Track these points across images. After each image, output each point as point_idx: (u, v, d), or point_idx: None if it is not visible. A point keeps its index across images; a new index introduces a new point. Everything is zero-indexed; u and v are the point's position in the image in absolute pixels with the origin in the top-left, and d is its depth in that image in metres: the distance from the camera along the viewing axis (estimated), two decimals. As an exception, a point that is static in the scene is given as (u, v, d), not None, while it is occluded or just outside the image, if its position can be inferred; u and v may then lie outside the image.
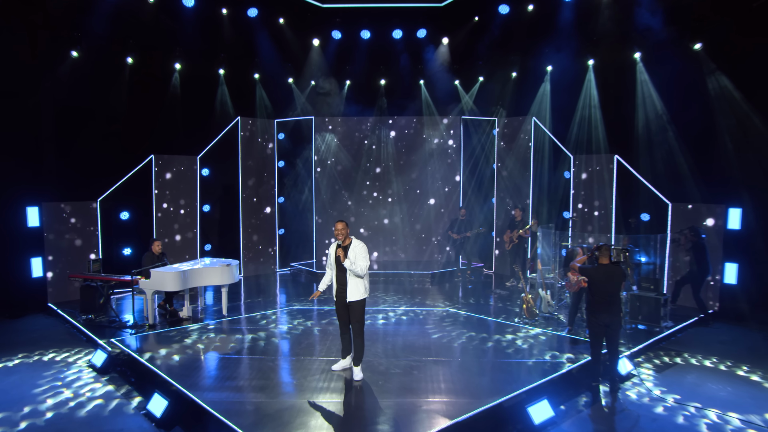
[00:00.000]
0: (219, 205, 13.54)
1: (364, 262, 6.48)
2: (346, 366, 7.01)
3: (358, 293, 6.55)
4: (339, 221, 6.54)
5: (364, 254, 6.52)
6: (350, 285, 6.54)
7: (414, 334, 8.70)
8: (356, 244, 6.58)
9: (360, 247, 6.54)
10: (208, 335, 8.72)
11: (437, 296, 11.66)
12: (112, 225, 11.59)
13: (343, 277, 6.58)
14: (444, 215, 14.68)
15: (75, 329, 9.17)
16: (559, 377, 6.91)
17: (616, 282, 6.69)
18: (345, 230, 6.50)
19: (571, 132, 12.26)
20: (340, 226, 6.50)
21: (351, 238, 6.59)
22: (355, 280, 6.53)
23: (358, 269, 6.44)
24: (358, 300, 6.56)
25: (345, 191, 14.79)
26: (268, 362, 7.43)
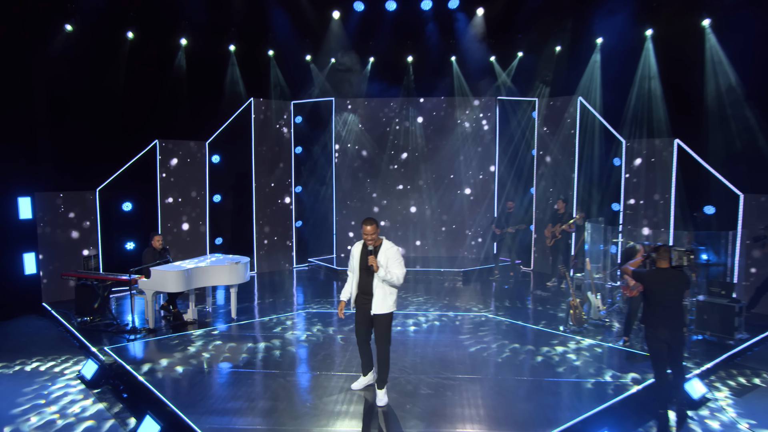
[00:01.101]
0: (231, 195, 12.97)
1: (400, 269, 5.66)
2: (368, 383, 6.28)
3: (385, 305, 5.72)
4: (368, 221, 5.64)
5: (399, 259, 5.70)
6: (377, 294, 5.70)
7: (446, 345, 7.92)
8: (387, 246, 5.74)
9: (393, 251, 5.72)
10: (214, 342, 8.09)
11: (470, 298, 10.90)
12: (113, 217, 11.08)
13: (369, 283, 5.74)
14: (479, 207, 13.93)
15: (68, 333, 8.65)
16: (619, 403, 6.06)
17: (677, 290, 5.80)
18: (375, 233, 5.66)
19: (625, 113, 11.24)
20: (370, 228, 5.61)
21: (381, 238, 5.80)
22: (383, 288, 5.72)
23: (394, 278, 5.62)
24: (386, 313, 5.76)
25: (368, 180, 14.20)
26: (279, 378, 6.74)
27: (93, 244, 10.72)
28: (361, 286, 5.82)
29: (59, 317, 9.23)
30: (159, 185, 11.60)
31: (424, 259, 13.75)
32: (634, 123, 11.14)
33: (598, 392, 6.33)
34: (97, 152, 10.46)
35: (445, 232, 14.13)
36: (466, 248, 14.07)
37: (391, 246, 5.74)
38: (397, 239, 14.09)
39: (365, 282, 5.77)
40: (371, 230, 5.59)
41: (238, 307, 9.80)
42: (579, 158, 12.40)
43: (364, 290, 5.81)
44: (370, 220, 5.63)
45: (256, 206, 13.10)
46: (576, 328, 8.66)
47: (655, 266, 5.88)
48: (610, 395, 6.23)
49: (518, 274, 12.82)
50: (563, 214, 11.51)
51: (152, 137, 11.44)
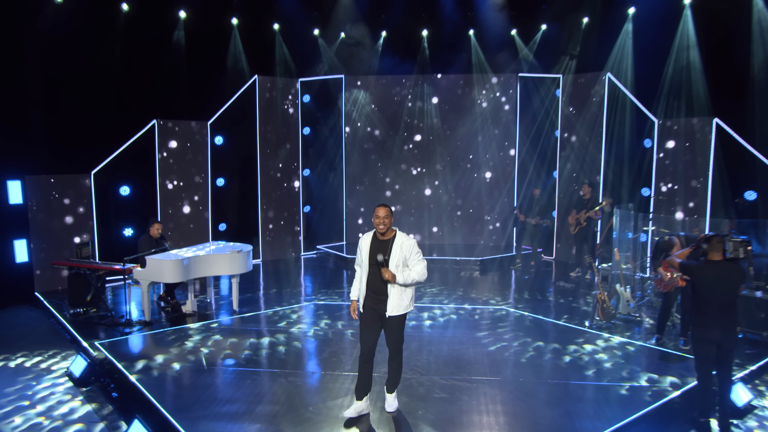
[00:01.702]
0: (235, 178, 12.64)
1: (420, 264, 5.03)
2: (364, 411, 5.40)
3: (402, 304, 5.08)
4: (381, 205, 5.10)
5: (417, 252, 5.06)
6: (393, 293, 5.06)
7: (462, 342, 7.50)
8: (402, 239, 5.08)
9: (409, 244, 5.05)
10: (213, 337, 7.74)
11: (489, 289, 10.48)
12: (110, 202, 10.75)
13: (381, 280, 5.06)
14: (498, 192, 13.53)
15: (60, 326, 8.36)
16: (655, 410, 5.60)
17: (732, 285, 5.30)
18: (389, 218, 5.08)
19: (659, 90, 10.60)
20: (383, 212, 5.05)
21: (395, 229, 5.18)
22: (398, 287, 5.07)
23: (416, 278, 4.99)
24: (401, 315, 5.15)
25: (380, 163, 13.81)
26: (281, 378, 6.36)
27: (88, 230, 10.40)
28: (372, 283, 5.11)
29: (51, 308, 8.96)
30: (158, 168, 11.24)
31: (439, 246, 13.37)
32: (668, 100, 10.50)
33: (632, 398, 5.86)
34: (92, 133, 10.09)
35: (461, 219, 13.74)
36: (484, 236, 13.66)
37: (406, 239, 5.09)
38: (411, 226, 13.77)
39: (376, 279, 5.08)
40: (384, 214, 5.03)
41: (241, 298, 9.49)
42: (607, 139, 11.81)
43: (374, 288, 5.11)
44: (384, 205, 5.12)
45: (261, 190, 12.73)
46: (603, 323, 8.19)
47: (706, 258, 5.38)
48: (645, 402, 5.76)
49: (539, 264, 12.35)
50: (589, 200, 10.98)
51: (150, 117, 11.05)
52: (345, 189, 13.83)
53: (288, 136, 13.12)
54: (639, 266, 9.87)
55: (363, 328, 5.24)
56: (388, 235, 5.11)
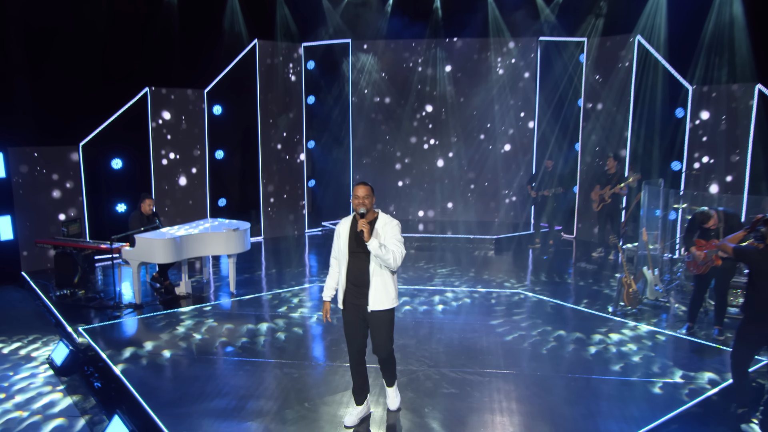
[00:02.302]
0: (235, 150, 12.29)
1: (399, 247, 4.53)
2: (364, 415, 5.01)
3: (387, 298, 4.60)
4: (360, 183, 4.64)
5: (399, 238, 4.59)
6: (376, 283, 4.57)
7: (475, 330, 7.11)
8: (385, 220, 4.63)
9: (392, 226, 4.61)
10: (207, 322, 7.43)
11: (504, 270, 10.08)
12: (100, 176, 10.42)
13: (363, 270, 4.59)
14: (516, 165, 13.09)
15: (45, 308, 8.09)
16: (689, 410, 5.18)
17: None
18: (369, 198, 4.57)
19: (696, 53, 9.95)
20: (362, 191, 4.54)
21: (377, 211, 4.71)
22: (381, 276, 4.58)
23: (389, 257, 4.46)
24: (386, 310, 4.64)
25: (389, 135, 13.39)
26: (277, 369, 6.03)
27: (77, 206, 10.10)
28: (352, 274, 4.63)
29: (37, 289, 8.70)
30: (152, 140, 10.87)
31: (452, 224, 13.01)
32: (706, 64, 9.85)
33: (663, 397, 5.45)
34: (80, 102, 9.70)
35: (476, 195, 13.33)
36: (501, 213, 13.27)
37: (389, 220, 4.64)
38: (422, 202, 13.49)
39: (357, 269, 4.61)
40: (364, 193, 4.53)
41: (240, 279, 9.22)
42: (635, 109, 11.20)
43: (355, 280, 4.63)
44: (363, 183, 4.65)
45: (262, 164, 12.34)
46: (628, 309, 7.75)
47: (766, 243, 4.91)
48: (679, 401, 5.34)
49: (558, 243, 11.89)
50: (614, 175, 10.46)
51: (142, 84, 10.64)
52: (352, 162, 13.41)
53: (291, 106, 12.67)
54: (668, 247, 9.37)
55: (347, 327, 4.79)
56: (369, 217, 4.61)
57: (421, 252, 11.29)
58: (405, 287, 8.85)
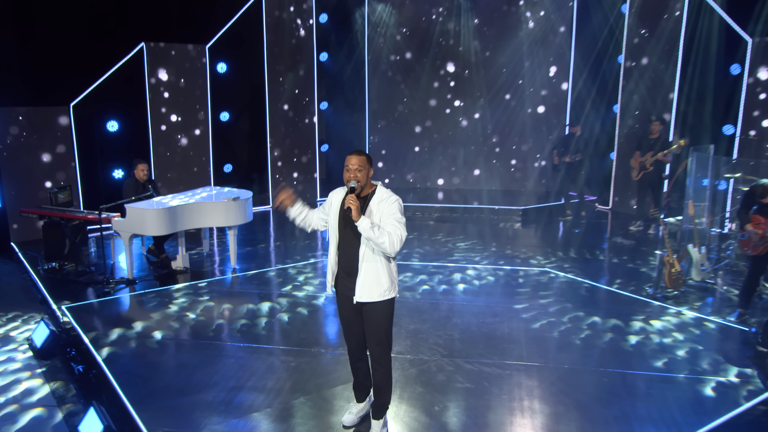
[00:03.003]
0: (242, 112, 11.89)
1: (398, 229, 3.94)
2: (365, 413, 4.57)
3: (377, 288, 4.04)
4: (353, 153, 4.03)
5: (399, 217, 3.97)
6: (366, 270, 4.02)
7: (496, 314, 6.65)
8: (383, 195, 4.04)
9: (389, 203, 3.99)
10: (203, 301, 7.10)
11: (530, 244, 9.62)
12: (94, 140, 10.10)
13: (352, 254, 4.07)
14: (548, 129, 12.62)
15: (32, 282, 7.84)
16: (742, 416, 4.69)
17: None
18: (363, 171, 3.98)
19: (761, 2, 9.11)
20: (354, 162, 3.96)
21: (376, 185, 4.15)
22: (373, 262, 4.03)
23: (385, 240, 3.88)
24: (380, 302, 4.09)
25: (407, 96, 13.00)
26: (273, 357, 5.65)
27: (70, 173, 9.80)
28: (343, 258, 4.12)
29: (25, 262, 8.47)
30: (149, 100, 10.48)
31: (476, 192, 12.62)
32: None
33: (713, 397, 4.95)
34: (69, 58, 9.33)
35: (502, 161, 12.92)
36: (530, 181, 12.85)
37: (388, 196, 4.03)
38: (443, 169, 13.17)
39: (348, 251, 4.08)
40: (357, 165, 3.96)
41: (243, 253, 8.92)
42: (683, 66, 10.42)
43: (346, 267, 4.11)
44: (358, 152, 4.08)
45: (270, 127, 11.92)
46: (670, 291, 7.20)
47: None
48: (730, 402, 4.84)
49: (591, 214, 11.34)
50: (657, 140, 9.78)
51: (137, 39, 10.21)
52: (368, 125, 12.96)
53: (302, 63, 12.16)
54: (717, 221, 8.74)
55: (342, 322, 4.34)
56: (364, 191, 4.06)
57: (440, 224, 10.89)
58: (420, 264, 8.43)
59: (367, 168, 4.02)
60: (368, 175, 4.03)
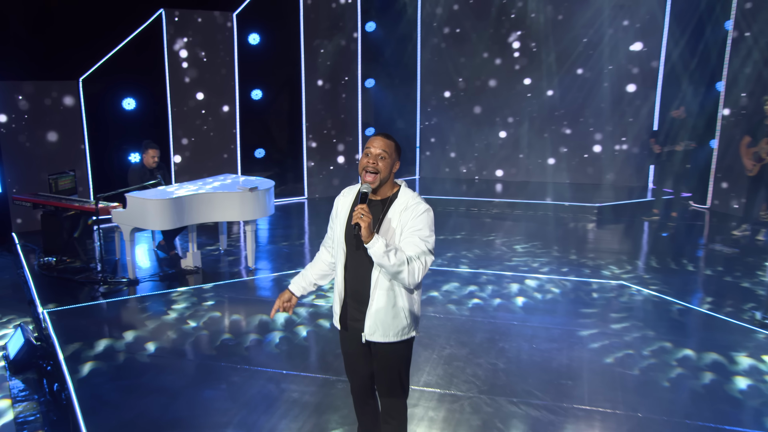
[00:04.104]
0: (274, 90, 11.61)
1: (423, 253, 3.21)
2: None
3: (395, 325, 3.33)
4: (379, 134, 3.34)
5: (424, 232, 3.24)
6: (377, 301, 3.31)
7: (554, 338, 5.84)
8: (407, 201, 3.30)
9: (415, 213, 3.25)
10: (210, 307, 6.63)
11: (604, 249, 8.78)
12: (107, 119, 9.92)
13: (362, 276, 3.35)
14: (633, 111, 11.77)
15: (24, 279, 7.61)
16: None
17: None
18: (388, 160, 3.26)
19: None
20: (379, 144, 3.26)
21: (399, 184, 3.39)
22: (390, 290, 3.31)
23: (404, 273, 3.17)
24: (395, 343, 3.38)
25: (464, 71, 12.49)
26: (272, 384, 5.04)
27: (78, 155, 9.65)
28: (351, 279, 3.40)
29: (22, 255, 8.30)
30: (168, 75, 10.24)
31: (542, 186, 11.91)
32: None
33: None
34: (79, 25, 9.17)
35: (575, 149, 12.25)
36: (608, 173, 12.10)
37: (416, 203, 3.27)
38: (502, 159, 12.62)
39: (357, 273, 3.36)
40: (380, 150, 3.24)
41: (266, 251, 8.62)
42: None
43: (354, 292, 3.41)
44: (384, 135, 3.35)
45: (307, 107, 11.57)
46: (784, 318, 6.19)
47: None
48: None
49: (684, 215, 10.46)
50: (773, 126, 8.67)
51: (156, 5, 10.04)
52: (419, 106, 12.56)
53: (344, 32, 11.71)
54: None
55: (346, 359, 3.63)
56: (382, 191, 3.32)
57: (497, 222, 10.26)
58: (466, 270, 7.70)
59: (393, 158, 3.29)
60: (392, 169, 3.30)
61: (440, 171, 12.97)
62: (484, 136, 12.63)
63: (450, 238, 9.17)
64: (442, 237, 9.25)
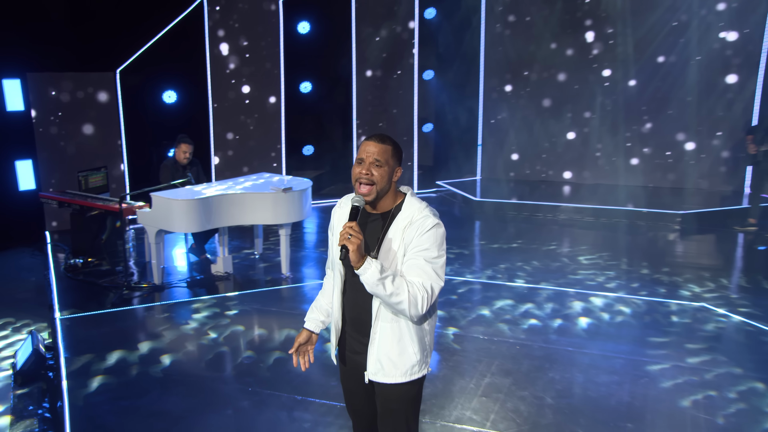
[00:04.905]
0: (325, 82, 11.54)
1: (427, 279, 2.80)
2: None
3: (402, 363, 2.94)
4: (372, 137, 2.91)
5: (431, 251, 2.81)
6: (380, 335, 2.93)
7: (615, 370, 5.29)
8: (413, 215, 2.88)
9: (422, 230, 2.82)
10: (230, 319, 6.41)
11: (687, 264, 8.14)
12: (147, 111, 10.03)
13: (362, 303, 2.98)
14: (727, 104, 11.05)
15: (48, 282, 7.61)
16: None
17: None
18: (385, 168, 2.85)
19: None
20: (373, 149, 2.85)
21: (405, 192, 2.97)
22: (396, 322, 2.92)
23: (403, 301, 2.75)
24: (396, 384, 2.97)
25: (531, 63, 12.06)
26: (280, 413, 4.73)
27: (114, 150, 9.70)
28: (350, 305, 3.04)
29: (50, 256, 8.38)
30: (209, 65, 10.25)
31: (615, 189, 11.33)
32: None
33: None
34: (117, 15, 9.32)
35: (656, 148, 11.67)
36: (696, 176, 11.40)
37: (423, 217, 2.85)
38: (574, 159, 12.05)
39: (357, 300, 2.99)
40: (376, 154, 2.83)
41: (301, 256, 8.46)
42: None
43: (352, 319, 3.05)
44: (381, 137, 2.92)
45: (358, 100, 11.45)
46: None
47: None
48: None
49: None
50: None
51: (198, -9, 10.12)
52: (482, 99, 12.13)
53: (398, 18, 11.49)
54: None
55: (347, 396, 3.26)
56: (382, 204, 2.92)
57: (562, 229, 9.81)
58: (521, 285, 7.21)
59: (392, 164, 2.87)
60: (391, 177, 2.89)
61: (502, 172, 12.57)
62: (551, 134, 12.14)
63: (505, 247, 8.74)
64: (496, 245, 8.80)
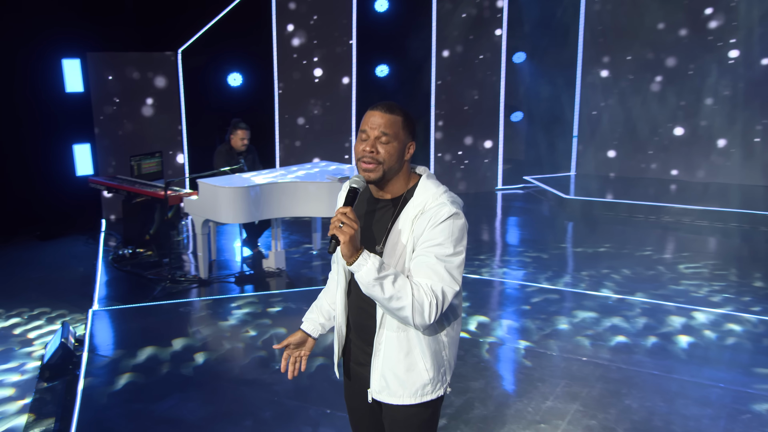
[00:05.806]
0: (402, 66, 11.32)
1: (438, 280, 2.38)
2: None
3: (412, 381, 2.56)
4: (380, 105, 2.51)
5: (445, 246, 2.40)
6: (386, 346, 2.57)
7: (704, 399, 4.71)
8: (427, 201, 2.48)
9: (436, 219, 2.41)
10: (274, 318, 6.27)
11: None
12: (210, 94, 10.11)
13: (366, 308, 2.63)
14: None
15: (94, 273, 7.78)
16: None
17: None
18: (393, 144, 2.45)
19: None
20: (378, 121, 2.44)
21: (419, 174, 2.60)
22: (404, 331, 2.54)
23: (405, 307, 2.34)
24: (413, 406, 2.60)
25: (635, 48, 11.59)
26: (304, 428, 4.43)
27: (175, 134, 9.86)
28: (354, 308, 2.70)
29: (101, 245, 8.55)
30: (276, 45, 10.26)
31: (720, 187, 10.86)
32: None
33: None
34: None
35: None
36: None
37: (438, 204, 2.45)
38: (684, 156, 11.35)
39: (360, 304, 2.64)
40: (381, 126, 2.44)
41: None
42: None
43: (358, 325, 2.72)
44: (388, 106, 2.50)
45: (436, 84, 11.23)
46: None
47: None
48: None
49: None
50: None
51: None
52: (579, 85, 11.48)
53: None
54: None
55: (350, 414, 2.92)
56: (394, 187, 2.55)
57: (663, 232, 9.30)
58: (610, 295, 6.69)
59: (402, 139, 2.48)
60: (402, 154, 2.50)
61: (601, 167, 12.05)
62: (658, 124, 11.48)
63: (590, 251, 8.18)
64: (580, 249, 8.22)
